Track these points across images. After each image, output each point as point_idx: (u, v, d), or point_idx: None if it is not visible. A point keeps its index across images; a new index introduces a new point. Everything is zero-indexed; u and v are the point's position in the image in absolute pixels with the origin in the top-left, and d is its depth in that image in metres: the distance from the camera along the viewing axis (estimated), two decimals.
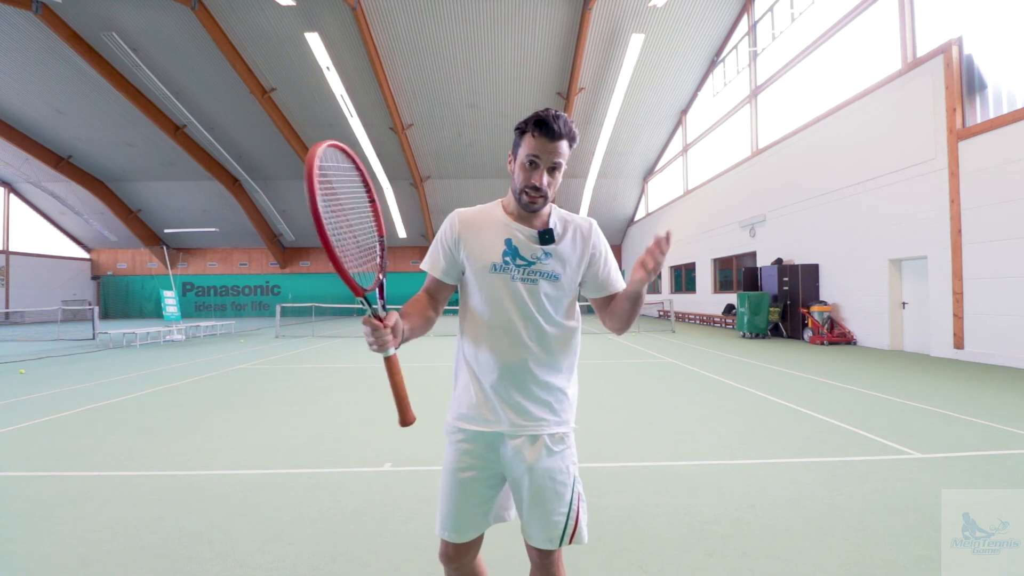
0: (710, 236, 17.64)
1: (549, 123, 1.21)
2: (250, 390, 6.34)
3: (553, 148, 1.23)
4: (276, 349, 11.40)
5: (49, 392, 6.21)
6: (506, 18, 15.02)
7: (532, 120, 1.23)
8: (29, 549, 2.32)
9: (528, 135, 1.24)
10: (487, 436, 1.30)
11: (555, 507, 1.26)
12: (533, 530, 1.27)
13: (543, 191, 1.26)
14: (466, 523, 1.30)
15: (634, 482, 3.07)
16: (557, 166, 1.26)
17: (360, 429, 4.42)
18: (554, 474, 1.27)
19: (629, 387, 6.25)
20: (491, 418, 1.29)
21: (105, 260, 29.73)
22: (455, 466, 1.32)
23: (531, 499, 1.26)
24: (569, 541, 1.27)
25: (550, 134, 1.22)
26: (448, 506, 1.31)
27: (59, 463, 3.54)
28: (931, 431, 4.08)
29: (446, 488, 1.33)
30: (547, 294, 1.31)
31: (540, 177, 1.25)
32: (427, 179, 23.48)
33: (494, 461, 1.31)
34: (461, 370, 1.38)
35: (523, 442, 1.27)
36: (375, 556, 2.24)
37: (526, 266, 1.30)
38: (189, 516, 2.65)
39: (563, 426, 1.32)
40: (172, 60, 16.22)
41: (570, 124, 1.24)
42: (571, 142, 1.27)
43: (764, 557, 2.18)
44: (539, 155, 1.24)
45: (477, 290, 1.32)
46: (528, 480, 1.26)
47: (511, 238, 1.31)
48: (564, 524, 1.26)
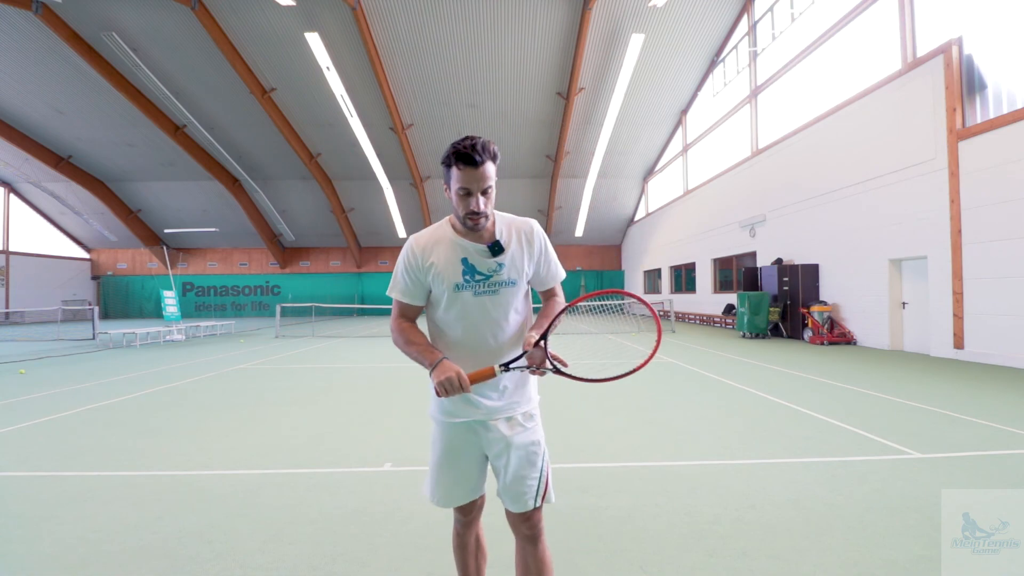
0: (710, 236, 17.64)
1: (469, 154, 1.31)
2: (250, 390, 6.34)
3: (479, 175, 1.34)
4: (276, 349, 11.40)
5: (49, 392, 6.21)
6: (506, 18, 15.02)
7: (452, 154, 1.34)
8: (29, 549, 2.32)
9: (454, 168, 1.35)
10: (468, 423, 1.48)
11: (529, 473, 1.45)
12: (511, 496, 1.46)
13: (482, 213, 1.38)
14: (454, 495, 1.52)
15: (634, 482, 3.07)
16: (488, 189, 1.37)
17: (360, 429, 4.42)
18: (529, 446, 1.48)
19: (629, 387, 6.25)
20: (468, 410, 1.47)
21: (105, 260, 29.73)
22: (444, 447, 1.51)
23: (512, 469, 1.45)
24: (541, 500, 1.46)
25: (472, 163, 1.32)
26: (437, 480, 1.52)
27: (59, 463, 3.54)
28: (931, 431, 4.08)
29: (436, 465, 1.52)
30: (507, 299, 1.48)
31: (476, 203, 1.37)
32: (427, 179, 23.48)
33: (475, 442, 1.50)
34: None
35: (501, 422, 1.47)
36: (375, 556, 2.24)
37: (484, 279, 1.45)
38: (189, 516, 2.65)
39: (530, 404, 1.53)
40: (172, 60, 16.22)
41: (490, 147, 1.35)
42: (494, 161, 1.37)
43: (764, 557, 2.18)
44: (468, 185, 1.35)
45: (446, 307, 1.48)
46: (510, 454, 1.46)
47: (466, 256, 1.44)
48: (536, 487, 1.46)
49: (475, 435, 1.49)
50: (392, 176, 22.43)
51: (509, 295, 1.47)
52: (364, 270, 29.89)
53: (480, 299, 1.44)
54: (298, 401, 5.63)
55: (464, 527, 1.60)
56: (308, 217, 26.78)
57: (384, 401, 5.63)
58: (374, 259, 29.97)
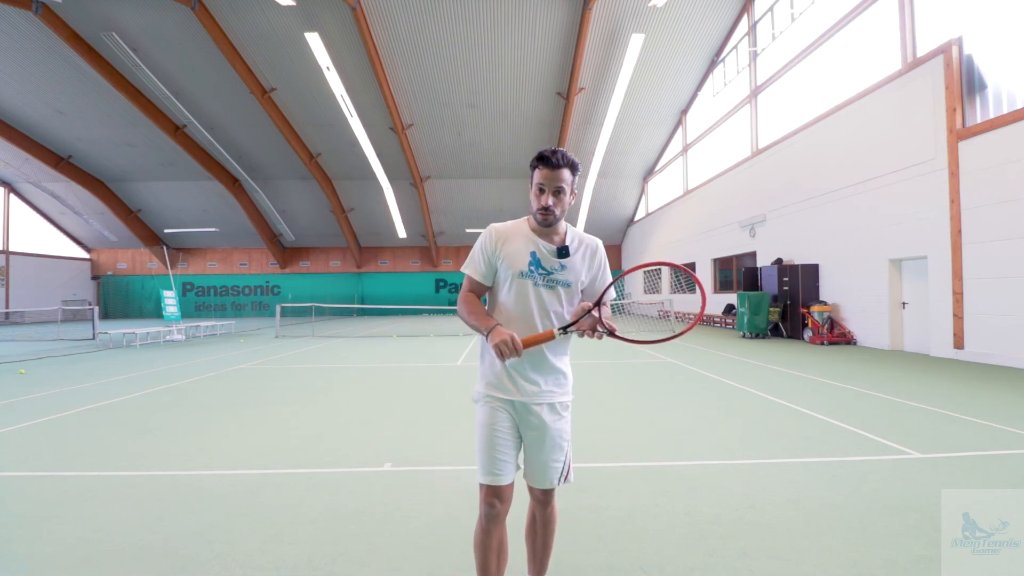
0: (710, 236, 17.64)
1: (548, 157, 1.58)
2: (250, 390, 6.34)
3: (554, 176, 1.58)
4: (276, 349, 11.40)
5: (49, 392, 6.21)
6: (506, 18, 15.02)
7: (536, 156, 1.61)
8: (29, 549, 2.32)
9: (536, 169, 1.61)
10: (512, 402, 1.65)
11: (557, 456, 1.67)
12: (538, 475, 1.67)
13: (551, 210, 1.61)
14: (502, 467, 1.62)
15: (634, 482, 3.07)
16: (560, 190, 1.61)
17: (360, 429, 4.42)
18: (561, 433, 1.68)
19: (629, 387, 6.25)
20: (513, 390, 1.64)
21: (105, 260, 29.74)
22: (490, 421, 1.64)
23: (543, 451, 1.65)
24: (563, 481, 1.69)
25: (550, 165, 1.58)
26: (487, 454, 1.62)
27: (59, 463, 3.54)
28: (931, 431, 4.08)
29: (485, 441, 1.64)
30: (560, 297, 1.67)
31: (547, 199, 1.60)
32: (427, 179, 23.48)
33: (514, 421, 1.67)
34: (487, 351, 1.69)
35: (542, 408, 1.65)
36: (375, 556, 2.24)
37: (546, 274, 1.66)
38: (189, 516, 2.65)
39: (566, 396, 1.72)
40: (172, 60, 16.23)
41: (568, 156, 1.59)
42: (572, 170, 1.61)
43: (764, 557, 2.18)
44: (543, 182, 1.60)
45: (508, 289, 1.67)
46: (543, 437, 1.65)
47: (535, 251, 1.66)
48: (561, 469, 1.69)
49: (516, 413, 1.65)
50: (392, 176, 22.43)
51: (562, 294, 1.67)
52: (364, 270, 29.90)
53: (538, 290, 1.65)
54: (298, 401, 5.62)
55: (493, 522, 1.62)
56: (308, 217, 26.78)
57: (384, 401, 5.63)
58: (374, 259, 29.97)
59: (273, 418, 4.84)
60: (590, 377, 6.89)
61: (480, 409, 1.69)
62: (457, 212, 26.10)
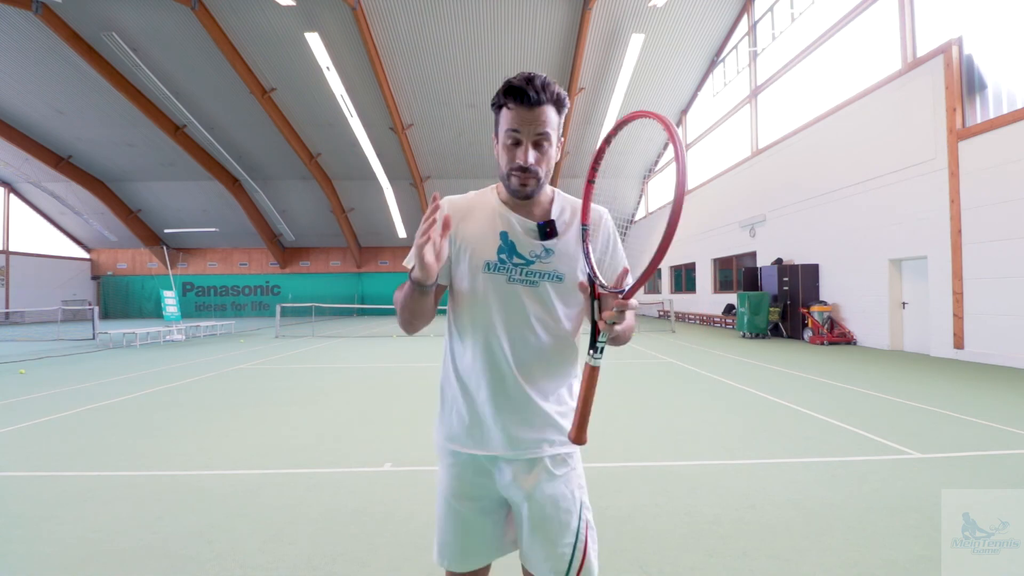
0: (710, 236, 17.64)
1: (524, 89, 1.00)
2: (250, 390, 6.33)
3: (534, 117, 1.02)
4: (276, 349, 11.40)
5: (49, 392, 6.21)
6: (506, 18, 15.02)
7: (504, 90, 1.04)
8: (29, 549, 2.32)
9: (504, 109, 1.05)
10: (480, 460, 1.12)
11: (559, 538, 1.08)
12: (536, 562, 1.10)
13: (532, 170, 1.05)
14: (468, 554, 1.14)
15: (634, 482, 3.07)
16: (544, 137, 1.04)
17: (360, 429, 4.42)
18: (557, 501, 1.09)
19: (629, 387, 6.25)
20: (484, 439, 1.11)
21: (105, 260, 29.73)
22: (449, 493, 1.15)
23: (532, 529, 1.09)
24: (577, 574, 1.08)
25: (527, 101, 1.01)
26: (445, 535, 1.15)
27: (59, 463, 3.54)
28: (931, 431, 4.08)
29: (442, 515, 1.16)
30: (547, 298, 1.10)
31: (525, 155, 1.04)
32: (427, 179, 23.48)
33: (491, 488, 1.13)
34: (449, 383, 1.17)
35: (520, 466, 1.10)
36: (375, 556, 2.24)
37: (524, 265, 1.09)
38: (189, 516, 2.65)
39: (567, 445, 1.12)
40: (172, 60, 16.22)
41: (552, 86, 1.03)
42: (557, 107, 1.05)
43: (764, 557, 2.18)
44: (519, 128, 1.03)
45: (468, 292, 1.11)
46: (527, 508, 1.09)
47: (507, 231, 1.11)
48: (571, 556, 1.08)
49: (489, 478, 1.13)
50: (392, 176, 22.43)
51: (551, 293, 1.10)
52: (364, 270, 29.90)
53: (515, 288, 1.09)
54: (298, 401, 5.62)
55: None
56: (308, 217, 26.78)
57: (384, 401, 5.63)
58: (374, 259, 29.97)
59: (273, 418, 4.84)
60: None
61: (440, 469, 1.18)
62: None
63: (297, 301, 28.09)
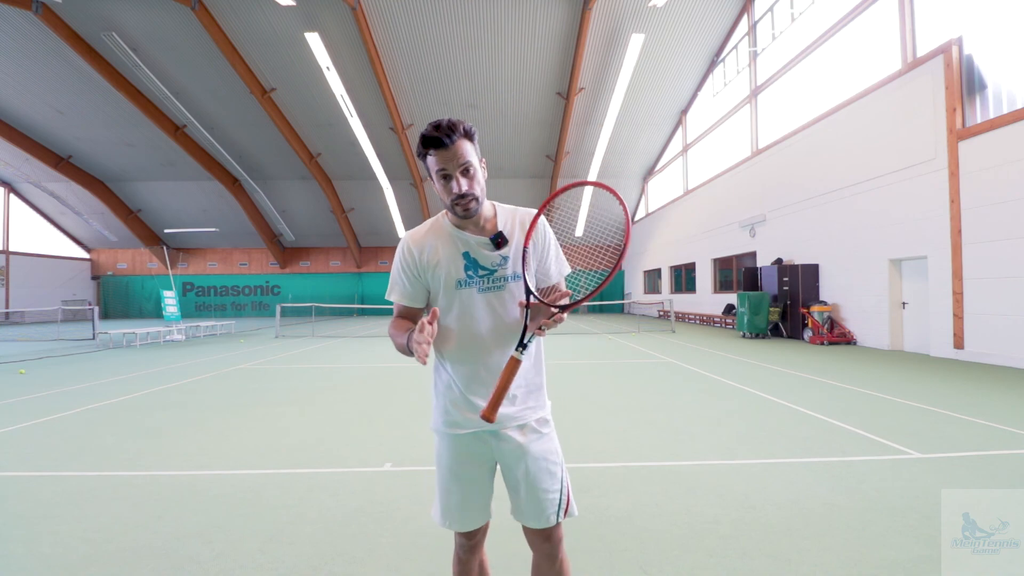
0: (710, 236, 17.64)
1: (436, 136, 1.22)
2: (250, 390, 6.34)
3: (453, 154, 1.23)
4: (276, 349, 11.40)
5: (49, 392, 6.21)
6: (506, 18, 15.02)
7: (421, 143, 1.25)
8: (29, 549, 2.32)
9: (429, 156, 1.26)
10: (481, 434, 1.35)
11: (549, 485, 1.35)
12: (530, 512, 1.34)
13: (468, 194, 1.27)
14: (470, 515, 1.37)
15: (634, 482, 3.07)
16: (467, 166, 1.26)
17: (360, 429, 4.42)
18: (547, 455, 1.37)
19: (629, 387, 6.25)
20: (477, 420, 1.33)
21: (105, 260, 29.74)
22: (452, 463, 1.37)
23: (528, 482, 1.33)
24: (564, 515, 1.36)
25: (442, 144, 1.22)
26: (448, 500, 1.37)
27: (59, 463, 3.54)
28: (931, 431, 4.08)
29: (445, 484, 1.38)
30: (514, 296, 1.36)
31: (458, 185, 1.26)
32: (427, 179, 23.43)
33: (487, 454, 1.38)
34: (440, 378, 1.42)
35: (514, 431, 1.35)
36: (375, 556, 2.24)
37: (488, 275, 1.35)
38: (189, 516, 2.65)
39: (543, 410, 1.41)
40: (172, 60, 16.23)
41: (458, 124, 1.24)
42: (468, 139, 1.27)
43: (764, 557, 2.18)
44: (444, 166, 1.25)
45: (449, 307, 1.36)
46: (525, 464, 1.34)
47: (468, 251, 1.35)
48: (559, 500, 1.35)
49: (485, 446, 1.36)
50: (392, 176, 22.43)
51: (516, 290, 1.36)
52: (364, 270, 29.90)
53: (485, 296, 1.34)
54: (298, 401, 5.62)
55: (468, 552, 1.43)
56: (308, 217, 26.78)
57: (384, 401, 5.63)
58: (374, 259, 29.98)
59: (273, 418, 4.84)
60: (589, 377, 6.89)
61: (438, 445, 1.41)
62: None
63: (297, 301, 28.10)
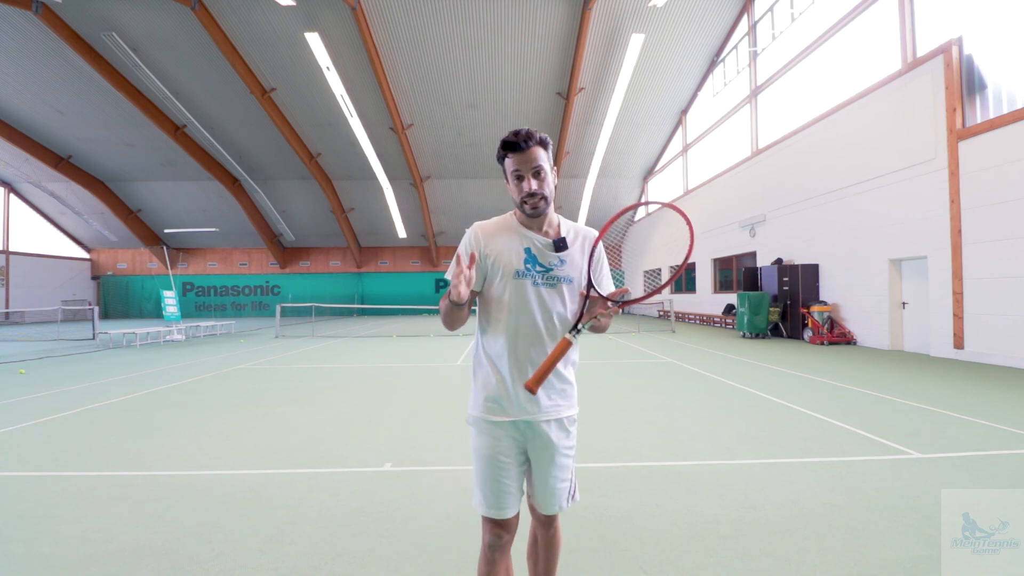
0: (710, 236, 17.64)
1: (515, 142, 1.41)
2: (250, 390, 6.33)
3: (527, 157, 1.41)
4: (276, 349, 11.40)
5: (49, 392, 6.21)
6: (506, 18, 15.02)
7: (501, 146, 1.44)
8: (29, 549, 2.32)
9: (507, 158, 1.44)
10: (518, 424, 1.47)
11: (564, 475, 1.51)
12: (546, 500, 1.51)
13: (538, 193, 1.43)
14: (507, 500, 1.47)
15: (634, 482, 3.07)
16: (539, 169, 1.43)
17: (360, 429, 4.42)
18: (568, 450, 1.52)
19: (629, 387, 6.25)
20: (515, 409, 1.45)
21: (105, 260, 29.74)
22: (491, 451, 1.46)
23: (550, 472, 1.49)
24: (571, 500, 1.55)
25: (519, 148, 1.41)
26: (490, 486, 1.46)
27: (59, 463, 3.54)
28: (931, 431, 4.08)
29: (487, 472, 1.47)
30: (563, 295, 1.49)
31: (529, 184, 1.42)
32: (427, 179, 23.48)
33: (522, 442, 1.49)
34: (481, 367, 1.53)
35: (550, 426, 1.48)
36: (375, 556, 2.24)
37: (545, 272, 1.48)
38: (189, 516, 2.65)
39: (573, 409, 1.54)
40: (172, 60, 16.23)
41: (535, 133, 1.42)
42: (543, 147, 1.44)
43: (764, 557, 2.18)
44: (519, 168, 1.42)
45: (503, 294, 1.48)
46: (550, 456, 1.48)
47: (530, 247, 1.49)
48: (568, 489, 1.53)
49: (521, 436, 1.47)
50: (392, 176, 22.44)
51: (565, 292, 1.50)
52: (364, 270, 29.90)
53: (538, 289, 1.47)
54: (298, 401, 5.62)
55: (499, 552, 1.49)
56: (308, 217, 26.79)
57: (384, 401, 5.63)
58: (374, 259, 29.98)
59: (273, 418, 4.84)
60: (590, 377, 6.89)
61: (477, 436, 1.50)
62: (457, 212, 26.10)
63: (297, 301, 28.09)
